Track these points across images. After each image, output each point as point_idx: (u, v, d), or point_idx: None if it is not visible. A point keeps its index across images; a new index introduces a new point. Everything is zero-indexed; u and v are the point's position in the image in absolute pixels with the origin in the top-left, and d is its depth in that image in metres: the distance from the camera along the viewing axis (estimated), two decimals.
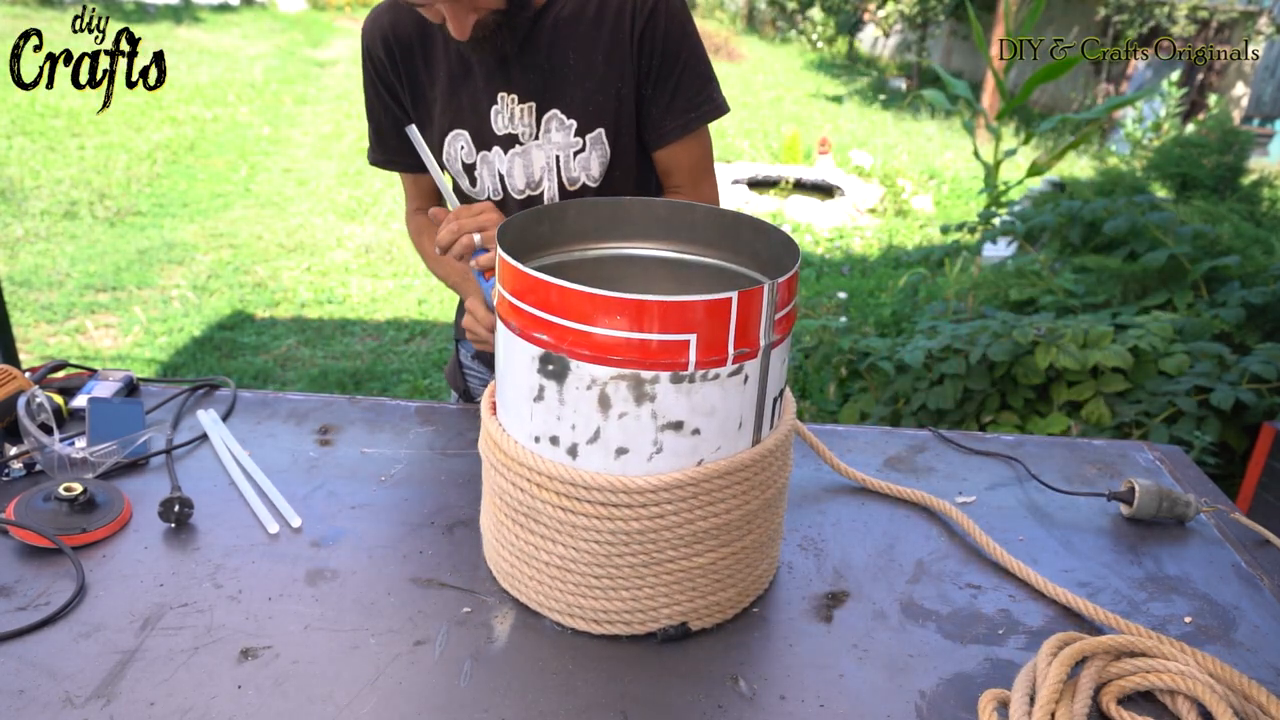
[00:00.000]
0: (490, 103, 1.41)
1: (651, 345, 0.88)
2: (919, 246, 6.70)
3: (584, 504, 0.94)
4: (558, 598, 1.00)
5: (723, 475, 0.95)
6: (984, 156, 4.36)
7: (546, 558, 0.98)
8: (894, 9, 15.48)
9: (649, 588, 0.97)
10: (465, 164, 1.46)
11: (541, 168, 1.43)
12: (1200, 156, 5.27)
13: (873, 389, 3.30)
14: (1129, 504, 1.26)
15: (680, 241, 1.17)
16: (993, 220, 3.88)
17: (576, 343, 0.89)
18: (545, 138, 1.42)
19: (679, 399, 0.91)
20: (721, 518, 0.96)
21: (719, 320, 0.88)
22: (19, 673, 0.91)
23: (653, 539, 0.95)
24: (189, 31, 13.12)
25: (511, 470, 0.98)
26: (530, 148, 1.43)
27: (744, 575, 1.03)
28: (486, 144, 1.43)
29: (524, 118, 1.41)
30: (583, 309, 0.88)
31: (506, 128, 1.42)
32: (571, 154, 1.43)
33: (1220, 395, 2.58)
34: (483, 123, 1.42)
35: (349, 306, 5.11)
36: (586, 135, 1.41)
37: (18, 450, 1.25)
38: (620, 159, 1.45)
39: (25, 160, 7.29)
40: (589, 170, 1.44)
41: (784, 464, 1.04)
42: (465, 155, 1.45)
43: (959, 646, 1.01)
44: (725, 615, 1.03)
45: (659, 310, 0.87)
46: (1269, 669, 1.00)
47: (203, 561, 1.09)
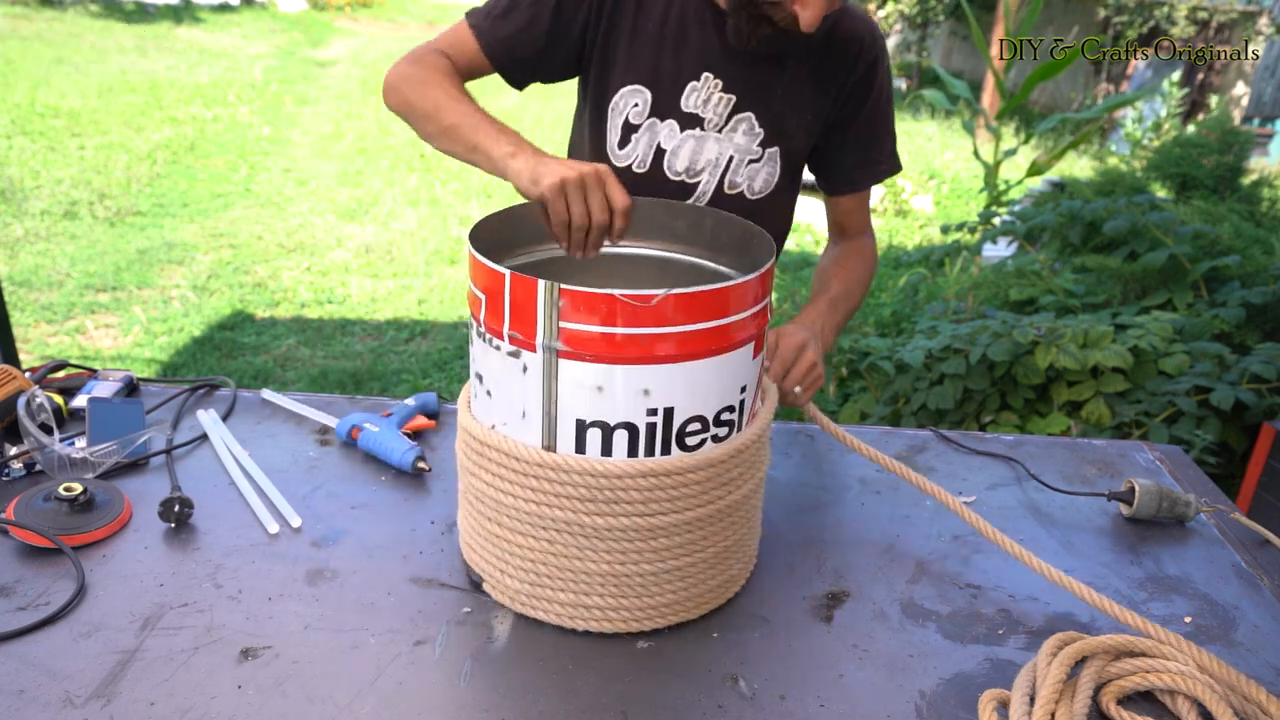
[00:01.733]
0: (691, 78, 1.36)
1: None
2: (919, 246, 6.69)
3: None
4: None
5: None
6: (984, 156, 4.36)
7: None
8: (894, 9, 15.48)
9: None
10: (630, 123, 1.38)
11: (710, 160, 1.40)
12: (1200, 156, 5.27)
13: (873, 389, 3.30)
14: (1129, 504, 1.26)
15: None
16: (993, 220, 3.88)
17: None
18: (730, 135, 1.39)
19: (477, 351, 0.99)
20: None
21: (496, 291, 0.92)
22: (19, 673, 0.91)
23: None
24: (189, 31, 13.12)
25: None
26: (710, 136, 1.39)
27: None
28: (665, 114, 1.38)
29: (719, 106, 1.37)
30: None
31: (696, 108, 1.37)
32: (746, 160, 1.40)
33: (1220, 395, 2.58)
34: (673, 93, 1.37)
35: (349, 306, 5.11)
36: (768, 149, 1.40)
37: (18, 450, 1.25)
38: (785, 184, 1.45)
39: (25, 160, 7.28)
40: (753, 182, 1.42)
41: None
42: (635, 115, 1.38)
43: (959, 646, 1.01)
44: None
45: (474, 263, 0.95)
46: (1269, 669, 1.00)
47: (203, 561, 1.09)
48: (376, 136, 8.85)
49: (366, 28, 15.41)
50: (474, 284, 0.96)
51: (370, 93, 10.50)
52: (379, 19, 16.20)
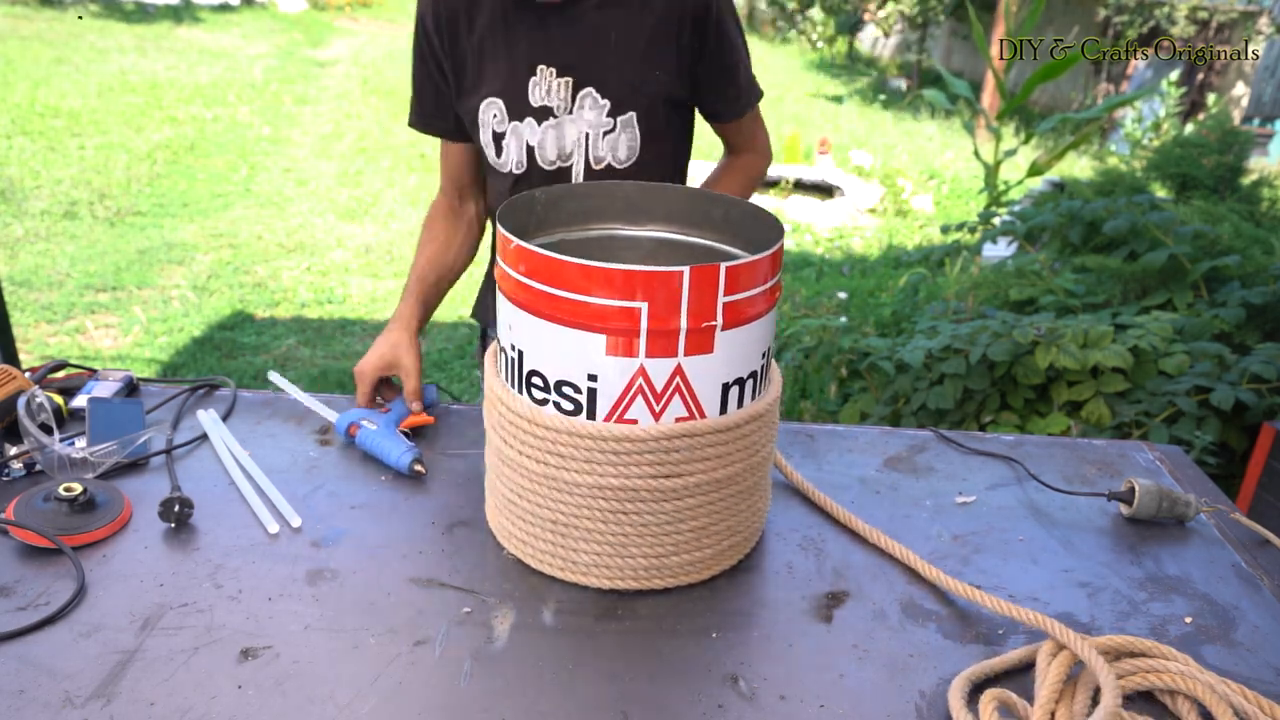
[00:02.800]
0: (529, 74, 1.42)
1: None
2: (919, 246, 6.69)
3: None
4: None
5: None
6: (984, 156, 4.36)
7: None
8: (894, 9, 15.48)
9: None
10: (495, 133, 1.46)
11: (573, 142, 1.45)
12: (1200, 156, 5.27)
13: (873, 389, 3.30)
14: (1129, 504, 1.26)
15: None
16: (993, 220, 3.88)
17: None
18: (578, 114, 1.43)
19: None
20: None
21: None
22: (19, 673, 0.91)
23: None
24: (189, 31, 13.12)
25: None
26: (564, 121, 1.44)
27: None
28: (520, 114, 1.44)
29: (560, 92, 1.42)
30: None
31: (543, 100, 1.43)
32: (601, 134, 1.45)
33: (1220, 395, 2.58)
34: (519, 93, 1.43)
35: (349, 306, 5.11)
36: (618, 117, 1.44)
37: (18, 450, 1.25)
38: (652, 144, 1.47)
39: (25, 160, 7.29)
40: (615, 152, 1.46)
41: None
42: (497, 124, 1.45)
43: (959, 646, 1.01)
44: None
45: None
46: (1269, 669, 1.00)
47: (203, 561, 1.09)
48: (376, 136, 8.85)
49: (366, 28, 15.40)
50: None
51: (370, 92, 10.51)
52: (379, 19, 16.19)
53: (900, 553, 1.15)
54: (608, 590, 1.07)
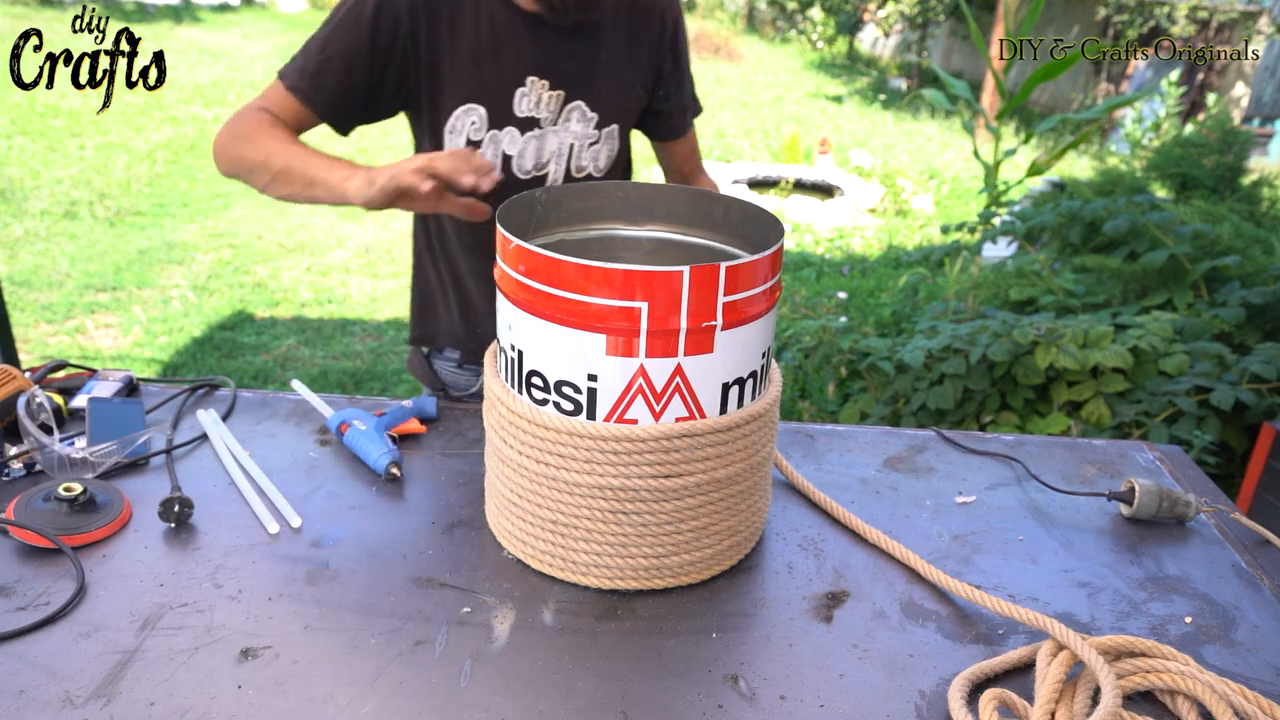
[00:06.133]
0: (517, 84, 1.42)
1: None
2: (919, 246, 6.70)
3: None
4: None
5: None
6: (984, 156, 4.36)
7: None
8: (894, 9, 15.49)
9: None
10: (471, 140, 1.45)
11: (552, 152, 1.47)
12: (1200, 156, 5.27)
13: (873, 389, 3.30)
14: (1129, 504, 1.26)
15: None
16: (993, 220, 3.88)
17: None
18: (564, 126, 1.46)
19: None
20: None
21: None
22: (19, 673, 0.91)
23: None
24: (189, 31, 13.12)
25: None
26: (548, 133, 1.46)
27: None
28: (502, 123, 1.44)
29: (550, 104, 1.44)
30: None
31: (530, 111, 1.43)
32: (586, 145, 1.49)
33: (1220, 395, 2.58)
34: (504, 102, 1.43)
35: (349, 306, 5.11)
36: (603, 129, 1.49)
37: (18, 450, 1.25)
38: (621, 154, 1.56)
39: (25, 160, 7.29)
40: (597, 162, 1.52)
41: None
42: (474, 131, 1.44)
43: (959, 646, 1.01)
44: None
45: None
46: (1269, 669, 1.00)
47: (203, 561, 1.09)
48: (377, 136, 8.85)
49: None
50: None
51: None
52: None
53: (900, 553, 1.15)
54: (608, 590, 1.07)
